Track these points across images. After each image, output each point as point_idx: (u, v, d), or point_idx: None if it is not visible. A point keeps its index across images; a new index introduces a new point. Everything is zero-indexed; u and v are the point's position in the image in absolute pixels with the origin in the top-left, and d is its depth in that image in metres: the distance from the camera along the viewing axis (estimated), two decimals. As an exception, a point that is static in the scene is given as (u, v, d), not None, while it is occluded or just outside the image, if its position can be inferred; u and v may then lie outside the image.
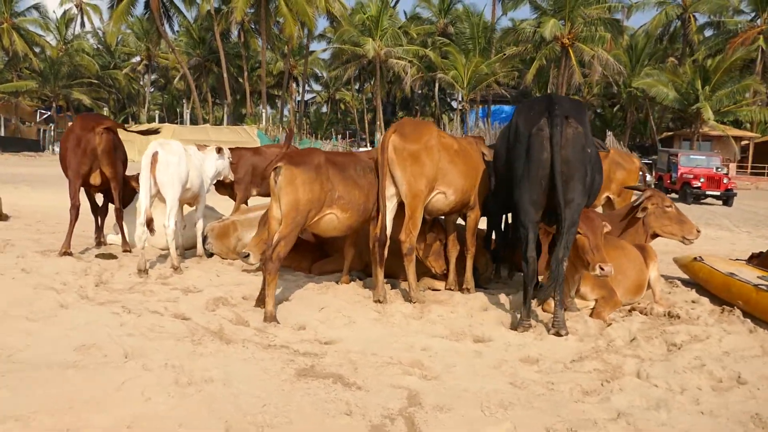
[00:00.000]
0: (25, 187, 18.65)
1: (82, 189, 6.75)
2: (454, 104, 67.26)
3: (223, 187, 7.69)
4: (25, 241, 7.05)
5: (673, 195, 24.38)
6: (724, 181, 23.64)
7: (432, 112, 72.08)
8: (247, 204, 7.87)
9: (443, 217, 5.82)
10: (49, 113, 59.65)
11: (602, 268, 4.54)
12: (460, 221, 6.02)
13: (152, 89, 72.82)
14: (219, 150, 6.99)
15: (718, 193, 23.61)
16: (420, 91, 64.65)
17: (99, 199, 7.50)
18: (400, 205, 5.28)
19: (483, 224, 6.37)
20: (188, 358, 3.91)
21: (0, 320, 4.39)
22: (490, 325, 4.83)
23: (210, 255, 6.81)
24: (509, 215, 6.35)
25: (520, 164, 4.63)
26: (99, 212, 7.36)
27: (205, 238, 6.76)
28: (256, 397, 3.44)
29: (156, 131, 7.88)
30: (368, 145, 54.46)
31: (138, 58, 69.11)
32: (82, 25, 68.17)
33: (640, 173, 7.86)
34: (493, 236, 6.52)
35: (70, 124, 6.96)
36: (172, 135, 46.84)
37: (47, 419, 3.08)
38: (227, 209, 8.30)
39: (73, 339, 4.11)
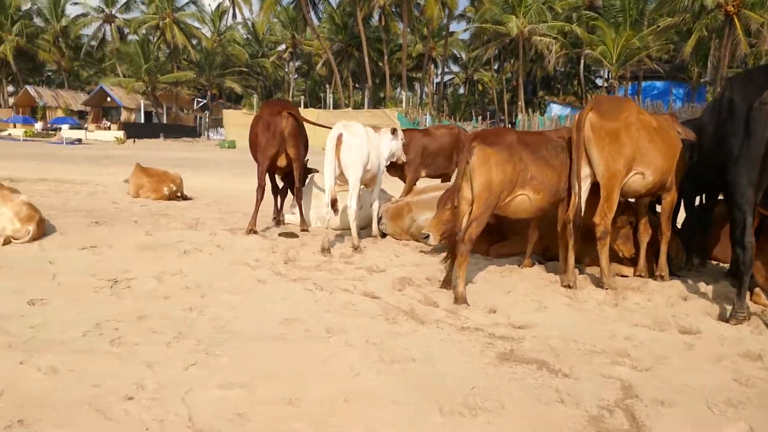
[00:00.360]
0: (188, 170, 20.12)
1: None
2: (599, 82, 64.18)
3: (393, 168, 7.76)
4: (212, 220, 7.53)
5: None
6: None
7: (574, 91, 69.30)
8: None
9: (634, 200, 5.47)
10: (204, 101, 63.95)
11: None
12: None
13: (296, 76, 75.76)
14: (393, 131, 7.04)
15: None
16: (562, 69, 62.30)
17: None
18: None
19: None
20: (387, 336, 3.93)
21: (207, 293, 4.67)
22: (696, 316, 4.46)
23: (383, 235, 6.90)
24: (702, 198, 5.86)
25: (736, 142, 4.20)
26: (279, 193, 7.70)
27: (379, 219, 6.87)
28: (462, 379, 3.38)
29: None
30: (508, 125, 53.33)
31: (283, 46, 72.18)
32: (234, 16, 72.33)
33: None
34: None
35: (257, 111, 7.34)
36: (316, 119, 48.60)
37: (268, 388, 3.21)
38: (394, 191, 8.37)
39: (276, 313, 4.28)
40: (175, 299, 4.54)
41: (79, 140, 47.49)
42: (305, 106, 55.10)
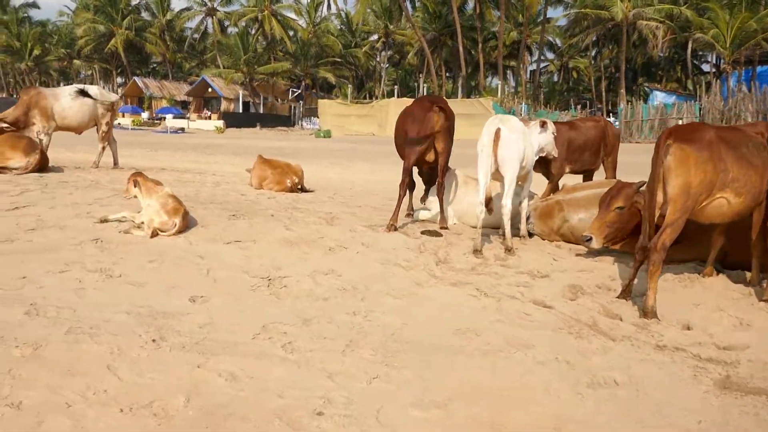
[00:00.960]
0: (288, 160, 20.27)
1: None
2: (705, 67, 60.51)
3: (537, 163, 7.33)
4: (345, 215, 7.33)
5: None
6: None
7: (677, 77, 65.76)
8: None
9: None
10: (299, 91, 65.04)
11: None
12: None
13: (386, 65, 75.82)
14: (543, 124, 6.59)
15: None
16: (664, 55, 59.12)
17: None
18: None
19: None
20: (577, 353, 3.57)
21: (366, 296, 4.45)
22: None
23: (530, 235, 6.49)
24: None
25: None
26: (410, 188, 7.43)
27: (527, 218, 6.46)
28: (683, 410, 2.98)
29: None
30: (606, 115, 51.16)
31: (376, 36, 72.38)
32: (328, 7, 73.08)
33: None
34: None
35: (406, 106, 7.11)
36: (411, 109, 48.44)
37: (465, 409, 2.93)
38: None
39: (445, 321, 4.00)
40: (335, 301, 4.35)
41: (182, 129, 49.38)
42: (397, 96, 54.92)
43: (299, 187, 9.70)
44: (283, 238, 5.92)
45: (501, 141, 5.59)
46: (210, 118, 56.23)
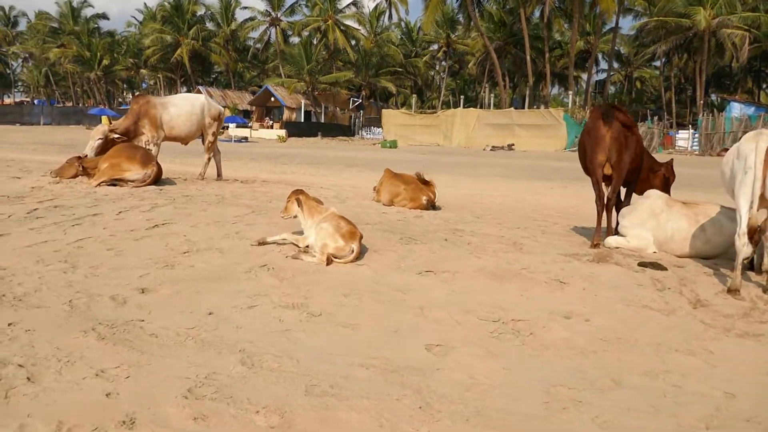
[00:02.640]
0: (366, 171, 19.58)
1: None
2: (782, 79, 57.81)
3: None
4: (525, 240, 6.46)
5: None
6: None
7: (748, 89, 63.00)
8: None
9: None
10: (360, 101, 64.81)
11: None
12: None
13: (445, 75, 75.14)
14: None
15: None
16: (729, 65, 56.62)
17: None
18: None
19: None
20: None
21: (646, 349, 3.61)
22: None
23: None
24: None
25: None
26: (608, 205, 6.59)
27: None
28: None
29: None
30: (676, 127, 49.16)
31: (436, 46, 71.80)
32: (390, 17, 72.63)
33: None
34: None
35: (588, 118, 6.38)
36: (477, 119, 47.54)
37: None
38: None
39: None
40: (608, 356, 3.54)
41: (246, 138, 49.50)
42: (462, 105, 53.98)
43: (434, 204, 8.94)
44: (480, 268, 5.14)
45: (779, 161, 4.68)
46: (272, 127, 56.35)
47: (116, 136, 10.81)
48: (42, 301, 4.45)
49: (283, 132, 52.60)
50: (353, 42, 63.40)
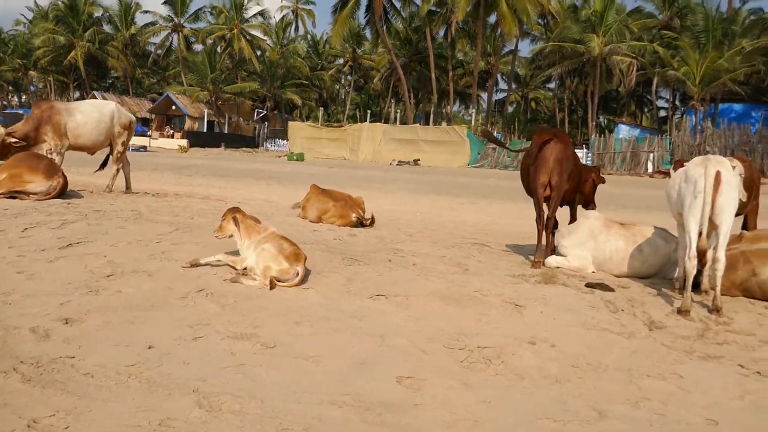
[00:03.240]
0: (275, 185, 19.21)
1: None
2: (660, 103, 62.23)
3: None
4: (469, 260, 6.35)
5: None
6: None
7: (632, 112, 67.46)
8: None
9: None
10: (264, 112, 63.76)
11: None
12: None
13: (349, 89, 75.53)
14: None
15: None
16: (616, 89, 60.50)
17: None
18: None
19: None
20: None
21: (618, 377, 3.56)
22: None
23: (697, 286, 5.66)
24: None
25: None
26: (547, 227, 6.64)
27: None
28: None
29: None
30: (577, 146, 51.73)
31: (342, 60, 72.01)
32: (296, 29, 72.23)
33: None
34: None
35: (532, 141, 6.47)
36: (383, 134, 47.89)
37: None
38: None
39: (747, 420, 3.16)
40: (579, 385, 3.46)
41: (145, 147, 47.37)
42: (369, 120, 54.23)
43: (363, 221, 8.75)
44: (433, 291, 4.98)
45: (722, 187, 4.83)
46: (173, 136, 54.30)
47: (13, 140, 9.89)
48: (-54, 336, 3.88)
49: (184, 142, 50.74)
50: (259, 52, 62.35)
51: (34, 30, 62.17)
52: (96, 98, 57.82)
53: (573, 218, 7.13)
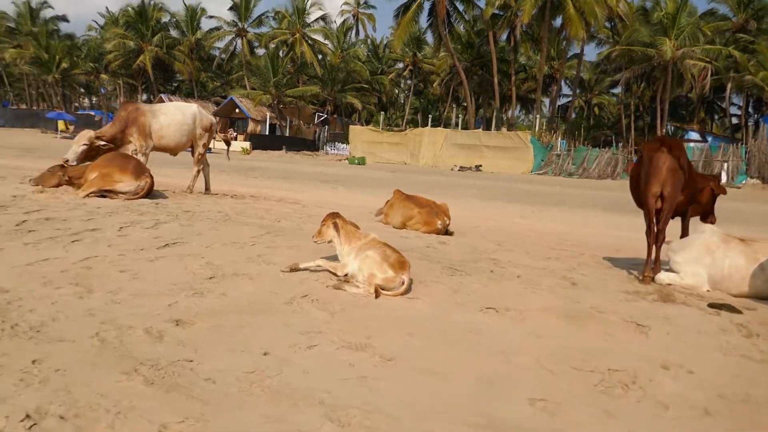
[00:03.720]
0: (340, 188, 19.16)
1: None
2: (732, 109, 59.74)
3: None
4: (576, 274, 6.08)
5: None
6: None
7: (701, 119, 65.04)
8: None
9: None
10: (325, 116, 64.34)
11: None
12: None
13: (408, 93, 75.52)
14: None
15: None
16: (686, 95, 58.41)
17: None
18: None
19: None
20: None
21: (742, 405, 3.26)
22: None
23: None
24: None
25: None
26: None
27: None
28: None
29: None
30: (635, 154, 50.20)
31: (402, 64, 72.06)
32: (357, 33, 72.67)
33: None
34: None
35: (645, 150, 6.12)
36: (445, 139, 47.55)
37: None
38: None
39: None
40: (733, 418, 3.17)
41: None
42: (430, 125, 54.03)
43: (447, 229, 8.56)
44: (547, 307, 4.75)
45: None
46: (236, 138, 55.33)
47: (102, 143, 10.12)
48: (64, 333, 3.88)
49: (247, 144, 51.68)
50: (320, 56, 63.00)
51: (105, 35, 64.60)
52: (163, 101, 59.65)
53: (685, 232, 6.75)
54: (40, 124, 58.70)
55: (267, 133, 58.37)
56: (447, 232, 8.57)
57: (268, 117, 58.49)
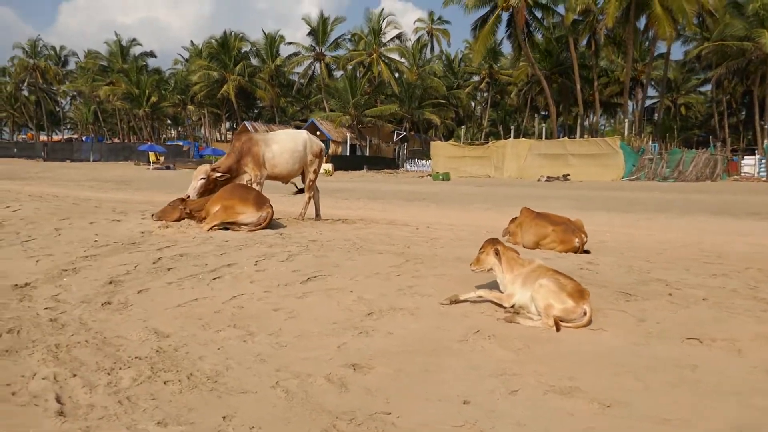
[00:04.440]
0: (432, 206, 18.77)
1: None
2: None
3: None
4: (744, 290, 5.52)
5: None
6: None
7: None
8: None
9: None
10: (404, 133, 64.46)
11: None
12: None
13: (485, 105, 74.75)
14: None
15: None
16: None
17: None
18: None
19: None
20: None
21: None
22: None
23: None
24: None
25: None
26: None
27: None
28: None
29: None
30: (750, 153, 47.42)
31: (478, 77, 71.44)
32: (432, 49, 72.65)
33: None
34: None
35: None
36: (529, 149, 46.48)
37: None
38: None
39: None
40: None
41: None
42: (511, 136, 53.10)
43: (584, 248, 8.02)
44: (761, 334, 4.20)
45: None
46: (318, 160, 56.08)
47: (218, 175, 10.18)
48: (243, 384, 3.66)
49: (329, 166, 52.33)
50: (396, 75, 63.31)
51: (191, 67, 67.33)
52: (247, 128, 61.38)
53: None
54: (133, 157, 61.54)
55: (348, 153, 58.94)
56: (585, 251, 8.04)
57: (348, 137, 59.10)
